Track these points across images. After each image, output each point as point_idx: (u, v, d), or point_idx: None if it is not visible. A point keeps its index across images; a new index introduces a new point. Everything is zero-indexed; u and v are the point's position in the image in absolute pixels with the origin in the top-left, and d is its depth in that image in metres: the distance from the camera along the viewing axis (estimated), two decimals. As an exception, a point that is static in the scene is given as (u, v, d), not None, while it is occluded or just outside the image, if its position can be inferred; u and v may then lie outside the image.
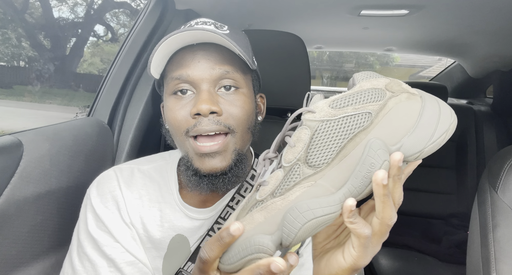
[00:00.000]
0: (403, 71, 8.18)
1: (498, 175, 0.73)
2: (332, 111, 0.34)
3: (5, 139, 0.59)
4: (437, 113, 0.34)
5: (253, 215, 0.35)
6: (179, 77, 0.53)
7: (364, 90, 0.35)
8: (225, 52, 0.54)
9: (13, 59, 3.71)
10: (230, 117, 0.53)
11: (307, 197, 0.34)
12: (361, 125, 0.34)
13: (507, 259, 0.67)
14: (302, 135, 0.35)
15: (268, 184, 0.36)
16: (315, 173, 0.34)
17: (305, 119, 0.35)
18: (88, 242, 0.55)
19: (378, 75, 0.36)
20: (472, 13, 1.07)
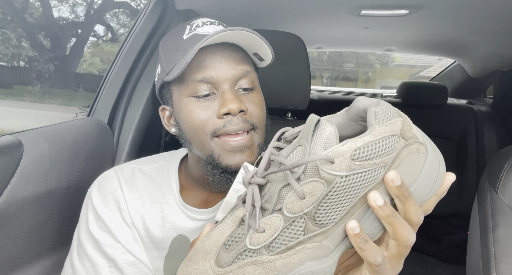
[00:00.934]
0: (403, 71, 8.18)
1: (498, 175, 0.73)
2: (353, 164, 0.29)
3: (5, 139, 0.59)
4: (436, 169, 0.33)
5: (244, 268, 0.30)
6: (202, 79, 0.53)
7: (384, 138, 0.30)
8: (240, 52, 0.56)
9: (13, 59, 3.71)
10: (253, 115, 0.54)
11: (310, 260, 0.31)
12: (374, 180, 0.30)
13: (507, 259, 0.67)
14: (316, 190, 0.30)
15: (263, 232, 0.31)
16: (322, 233, 0.30)
17: (322, 170, 0.29)
18: (89, 242, 0.56)
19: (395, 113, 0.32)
20: (472, 13, 1.07)
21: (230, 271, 0.30)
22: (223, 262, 0.31)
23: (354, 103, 0.34)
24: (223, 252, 0.32)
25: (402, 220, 0.32)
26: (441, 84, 1.88)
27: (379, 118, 0.30)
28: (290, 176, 0.31)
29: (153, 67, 0.94)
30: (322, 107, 1.93)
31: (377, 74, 8.24)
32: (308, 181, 0.30)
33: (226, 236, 0.33)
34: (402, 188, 0.31)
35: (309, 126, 0.32)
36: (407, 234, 0.32)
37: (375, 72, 8.29)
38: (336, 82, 7.87)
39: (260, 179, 0.33)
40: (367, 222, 0.31)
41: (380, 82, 8.09)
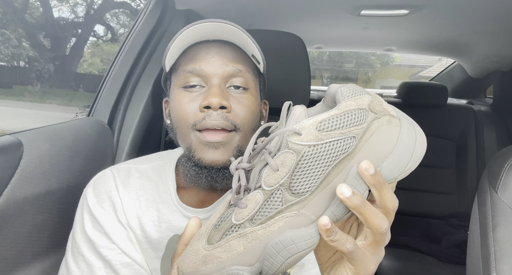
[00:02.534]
0: (403, 71, 8.18)
1: (498, 175, 0.73)
2: (319, 134, 0.32)
3: (5, 139, 0.59)
4: (413, 140, 0.34)
5: (230, 242, 0.33)
6: (192, 70, 0.53)
7: (350, 111, 0.33)
8: (238, 52, 0.56)
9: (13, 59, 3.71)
10: (237, 115, 0.54)
11: (289, 228, 0.32)
12: (346, 150, 0.32)
13: (507, 259, 0.67)
14: (287, 160, 0.32)
15: (246, 207, 0.33)
16: (299, 202, 0.32)
17: (290, 141, 0.32)
18: (84, 243, 0.55)
19: (362, 91, 0.34)
20: (472, 13, 1.07)
21: (218, 246, 0.33)
22: (213, 240, 0.34)
23: (327, 91, 0.37)
24: (214, 231, 0.35)
25: (372, 209, 0.33)
26: (441, 84, 1.88)
27: (344, 95, 0.34)
28: (266, 153, 0.34)
29: (153, 67, 0.94)
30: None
31: (377, 74, 8.23)
32: (280, 154, 0.33)
33: (216, 218, 0.36)
34: (377, 176, 0.32)
35: (283, 112, 0.35)
36: (379, 222, 0.33)
37: (375, 72, 8.29)
38: (336, 82, 7.84)
39: (246, 163, 0.35)
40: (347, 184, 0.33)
41: (380, 82, 8.09)
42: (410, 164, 0.34)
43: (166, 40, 0.95)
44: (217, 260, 0.33)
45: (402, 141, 0.34)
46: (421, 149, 0.35)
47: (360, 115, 0.33)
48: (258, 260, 0.32)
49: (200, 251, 0.34)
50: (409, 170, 0.34)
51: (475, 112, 1.85)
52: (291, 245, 0.32)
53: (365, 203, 0.32)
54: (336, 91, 0.34)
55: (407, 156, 0.34)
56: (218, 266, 0.33)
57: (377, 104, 0.34)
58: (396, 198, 0.34)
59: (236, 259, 0.32)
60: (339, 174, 0.33)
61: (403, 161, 0.34)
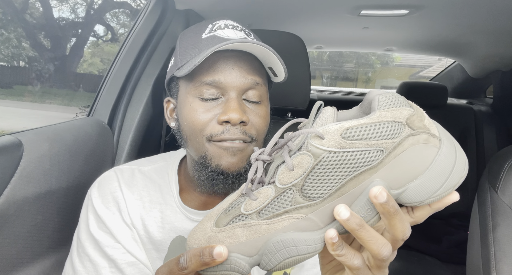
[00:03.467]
0: (403, 71, 8.18)
1: (498, 175, 0.73)
2: (343, 142, 0.30)
3: (5, 139, 0.59)
4: (451, 165, 0.31)
5: (235, 230, 0.34)
6: (211, 82, 0.52)
7: (383, 122, 0.30)
8: (255, 62, 0.55)
9: (13, 59, 3.71)
10: (254, 127, 0.54)
11: (294, 229, 0.32)
12: (369, 163, 0.30)
13: (507, 259, 0.67)
14: (303, 162, 0.31)
15: (256, 200, 0.34)
16: (308, 206, 0.32)
17: (311, 144, 0.31)
18: (89, 243, 0.56)
19: (403, 102, 0.32)
20: (472, 13, 1.07)
21: (223, 230, 0.34)
22: (220, 224, 0.35)
23: (366, 95, 0.35)
24: (223, 215, 0.35)
25: (372, 234, 0.31)
26: (441, 84, 1.88)
27: (381, 104, 0.31)
28: (286, 151, 0.33)
29: (153, 67, 0.94)
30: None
31: (377, 74, 8.23)
32: (298, 154, 0.32)
33: (228, 204, 0.36)
34: (388, 205, 0.30)
35: (312, 112, 0.34)
36: (377, 248, 0.31)
37: (375, 72, 8.29)
38: (336, 82, 7.87)
39: (266, 156, 0.35)
40: (359, 205, 0.32)
41: (380, 82, 8.09)
42: (442, 190, 0.31)
43: (166, 40, 0.95)
44: (219, 244, 0.33)
45: (438, 164, 0.31)
46: (458, 176, 0.32)
47: (394, 128, 0.30)
48: (258, 254, 0.33)
49: (207, 231, 0.35)
50: (439, 196, 0.31)
51: (475, 112, 1.85)
52: (291, 246, 0.32)
53: (363, 227, 0.31)
54: (373, 98, 0.32)
55: (440, 181, 0.31)
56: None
57: (417, 119, 0.31)
58: (409, 228, 0.32)
59: (237, 247, 0.33)
60: (357, 186, 0.31)
61: (433, 186, 0.31)
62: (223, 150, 0.52)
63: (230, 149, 0.52)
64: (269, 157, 0.35)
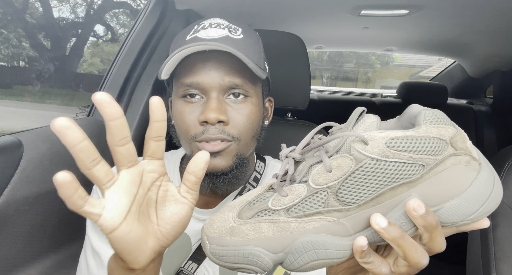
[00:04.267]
0: (403, 71, 8.18)
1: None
2: (387, 151, 0.29)
3: (5, 139, 0.59)
4: (489, 191, 0.31)
5: (261, 224, 0.33)
6: (190, 84, 0.53)
7: (429, 137, 0.30)
8: (236, 63, 0.54)
9: (13, 59, 3.71)
10: (236, 126, 0.54)
11: (324, 232, 0.32)
12: (409, 176, 0.30)
13: (507, 259, 0.67)
14: (343, 165, 0.31)
15: (286, 196, 0.33)
16: (342, 210, 0.31)
17: (353, 147, 0.30)
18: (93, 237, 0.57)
19: (448, 121, 0.31)
20: (472, 13, 1.07)
21: (248, 223, 0.33)
22: (244, 216, 0.34)
23: (407, 109, 0.34)
24: (247, 208, 0.34)
25: (413, 242, 0.30)
26: (441, 84, 1.88)
27: (427, 119, 0.31)
28: (323, 151, 0.32)
29: (153, 67, 0.94)
30: (322, 107, 1.93)
31: (377, 74, 8.24)
32: (338, 156, 0.31)
33: (253, 197, 0.35)
34: (428, 217, 0.29)
35: (353, 116, 0.33)
36: (419, 257, 0.30)
37: (375, 72, 8.29)
38: (336, 82, 7.87)
39: (297, 154, 0.34)
40: (393, 217, 0.31)
41: (380, 82, 8.09)
42: (477, 215, 0.31)
43: (166, 40, 0.95)
44: (243, 236, 0.33)
45: (476, 187, 0.31)
46: (494, 202, 0.31)
47: (438, 145, 0.30)
48: (283, 251, 0.32)
49: (229, 221, 0.34)
50: (472, 220, 0.31)
51: (475, 112, 1.85)
52: (321, 249, 0.31)
53: (404, 236, 0.30)
54: (419, 113, 0.32)
55: (476, 205, 0.31)
56: (243, 241, 0.32)
57: (460, 140, 0.31)
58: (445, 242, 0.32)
59: (262, 242, 0.32)
60: (394, 197, 0.31)
61: (469, 209, 0.31)
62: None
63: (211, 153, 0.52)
64: (300, 156, 0.34)
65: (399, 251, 0.30)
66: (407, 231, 0.31)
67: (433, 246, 0.31)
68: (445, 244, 0.32)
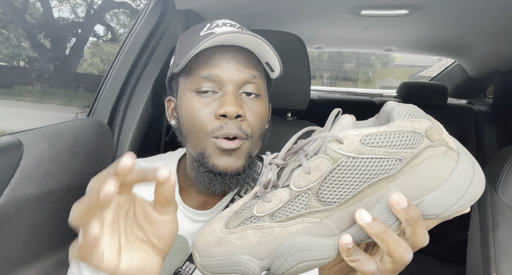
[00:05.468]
0: (403, 71, 8.18)
1: (498, 175, 0.73)
2: (362, 148, 0.30)
3: (5, 139, 0.59)
4: (469, 179, 0.31)
5: (246, 231, 0.33)
6: (208, 76, 0.52)
7: (403, 131, 0.30)
8: (252, 57, 0.55)
9: (13, 59, 3.71)
10: (250, 123, 0.53)
11: (308, 233, 0.32)
12: (387, 171, 0.30)
13: (507, 259, 0.67)
14: (321, 165, 0.31)
15: (269, 202, 0.33)
16: (324, 211, 0.31)
17: (329, 147, 0.31)
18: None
19: (422, 115, 0.32)
20: (472, 13, 1.07)
21: (234, 232, 0.33)
22: (231, 225, 0.34)
23: (383, 107, 0.35)
24: (234, 217, 0.35)
25: (396, 237, 0.31)
26: (441, 84, 1.88)
27: (400, 114, 0.31)
28: (302, 154, 0.33)
29: (153, 67, 0.94)
30: (322, 107, 1.92)
31: (377, 74, 8.23)
32: (316, 158, 0.32)
33: (239, 206, 0.36)
34: (411, 210, 0.29)
35: (330, 118, 0.34)
36: (402, 252, 0.31)
37: (375, 72, 8.29)
38: (336, 82, 7.87)
39: (280, 160, 0.35)
40: (375, 213, 0.31)
41: (380, 82, 8.09)
42: (459, 205, 0.31)
43: (166, 40, 0.95)
44: (230, 245, 0.33)
45: (456, 177, 0.31)
46: (476, 191, 0.32)
47: (413, 138, 0.30)
48: (269, 257, 0.32)
49: (217, 232, 0.34)
50: (455, 210, 0.31)
51: (475, 112, 1.85)
52: (305, 251, 0.31)
53: (387, 231, 0.30)
54: (392, 109, 0.32)
55: (457, 194, 0.31)
56: (230, 250, 0.33)
57: (436, 132, 0.32)
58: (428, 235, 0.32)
59: (248, 249, 0.32)
60: (374, 193, 0.31)
61: (451, 199, 0.31)
62: (220, 151, 0.52)
63: (227, 151, 0.51)
64: (283, 161, 0.35)
65: (383, 246, 0.31)
66: (390, 226, 0.31)
67: (416, 240, 0.31)
68: (428, 238, 0.32)
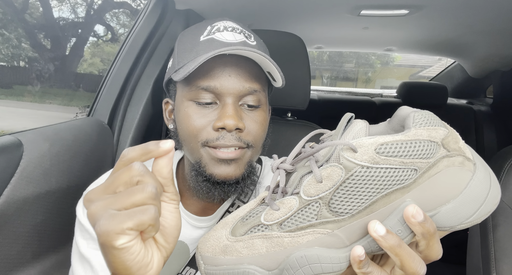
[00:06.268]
0: (403, 71, 8.18)
1: (498, 175, 0.73)
2: (377, 157, 0.29)
3: (5, 139, 0.59)
4: (486, 191, 0.30)
5: (254, 240, 0.32)
6: (207, 88, 0.51)
7: (419, 141, 0.29)
8: (254, 68, 0.54)
9: (13, 59, 3.71)
10: (250, 133, 0.53)
11: (318, 245, 0.31)
12: (402, 182, 0.29)
13: (507, 259, 0.67)
14: (334, 174, 0.30)
15: (278, 210, 0.32)
16: (335, 221, 0.30)
17: (342, 156, 0.30)
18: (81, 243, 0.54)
19: (439, 122, 0.30)
20: (472, 13, 1.07)
21: (241, 240, 0.32)
22: (237, 232, 0.33)
23: (396, 112, 0.33)
24: (240, 224, 0.33)
25: (410, 251, 0.30)
26: (441, 84, 1.88)
27: (416, 121, 0.30)
28: (313, 161, 0.32)
29: (153, 67, 0.94)
30: (322, 107, 1.92)
31: (377, 74, 8.24)
32: (328, 166, 0.30)
33: (246, 212, 0.34)
34: (427, 224, 0.28)
35: (341, 123, 0.33)
36: (416, 266, 0.30)
37: (375, 72, 8.29)
38: (336, 82, 7.87)
39: (288, 165, 0.34)
40: (389, 225, 0.30)
41: (380, 82, 8.09)
42: (474, 217, 0.30)
43: (166, 40, 0.95)
44: (236, 254, 0.32)
45: (472, 189, 0.30)
46: (492, 203, 0.31)
47: (430, 148, 0.29)
48: (278, 268, 0.31)
49: (222, 239, 0.33)
50: (470, 223, 0.30)
51: (475, 112, 1.85)
52: (316, 263, 0.30)
53: (402, 244, 0.29)
54: (408, 115, 0.31)
55: (474, 207, 0.30)
56: (236, 260, 0.32)
57: (452, 141, 0.30)
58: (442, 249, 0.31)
59: (256, 259, 0.31)
60: (388, 205, 0.30)
61: (466, 211, 0.30)
62: (216, 160, 0.51)
63: (225, 160, 0.51)
64: (291, 166, 0.34)
65: (397, 260, 0.30)
66: (403, 239, 0.30)
67: (430, 254, 0.31)
68: (442, 252, 0.31)
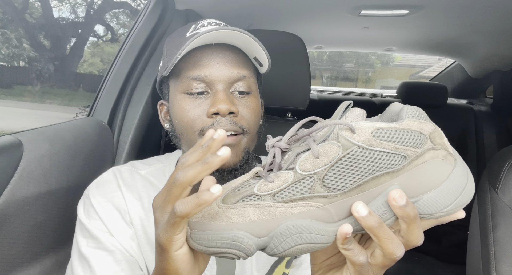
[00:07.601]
0: (403, 71, 8.18)
1: (498, 175, 0.73)
2: (373, 140, 0.31)
3: (5, 139, 0.59)
4: (463, 184, 0.33)
5: (245, 208, 0.33)
6: (197, 77, 0.53)
7: (411, 130, 0.31)
8: (240, 55, 0.55)
9: (13, 59, 3.71)
10: (244, 118, 0.54)
11: (310, 217, 0.32)
12: (392, 166, 0.31)
13: (507, 259, 0.67)
14: (331, 151, 0.32)
15: (272, 182, 0.33)
16: (327, 197, 0.32)
17: (341, 135, 0.31)
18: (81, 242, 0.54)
19: (427, 118, 0.33)
20: (472, 13, 1.07)
21: (232, 207, 0.33)
22: (228, 201, 0.34)
23: (389, 107, 0.36)
24: (231, 193, 0.34)
25: (389, 233, 0.31)
26: (441, 84, 1.88)
27: (409, 114, 0.32)
28: (310, 140, 0.33)
29: (153, 67, 0.94)
30: (322, 107, 1.92)
31: (377, 74, 8.24)
32: (326, 143, 0.32)
33: (238, 183, 0.35)
34: (408, 208, 0.30)
35: (340, 108, 0.34)
36: (393, 248, 0.31)
37: (375, 72, 8.29)
38: (336, 82, 7.87)
39: (284, 144, 0.35)
40: (376, 205, 0.32)
41: (380, 82, 8.10)
42: (451, 207, 0.33)
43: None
44: (227, 220, 0.32)
45: (452, 181, 0.33)
46: (467, 196, 0.33)
47: (419, 139, 0.32)
48: (268, 235, 0.32)
49: (213, 206, 0.34)
50: (447, 212, 0.33)
51: (475, 112, 1.85)
52: (306, 233, 0.32)
53: (381, 226, 0.31)
54: (401, 109, 0.33)
55: (451, 197, 0.32)
56: (226, 225, 0.32)
57: (438, 136, 0.33)
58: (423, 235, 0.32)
59: (247, 226, 0.32)
60: (377, 186, 0.32)
61: (445, 201, 0.32)
62: None
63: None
64: (287, 145, 0.35)
65: (376, 240, 0.31)
66: (387, 220, 0.32)
67: (410, 238, 0.32)
68: (423, 238, 0.33)
